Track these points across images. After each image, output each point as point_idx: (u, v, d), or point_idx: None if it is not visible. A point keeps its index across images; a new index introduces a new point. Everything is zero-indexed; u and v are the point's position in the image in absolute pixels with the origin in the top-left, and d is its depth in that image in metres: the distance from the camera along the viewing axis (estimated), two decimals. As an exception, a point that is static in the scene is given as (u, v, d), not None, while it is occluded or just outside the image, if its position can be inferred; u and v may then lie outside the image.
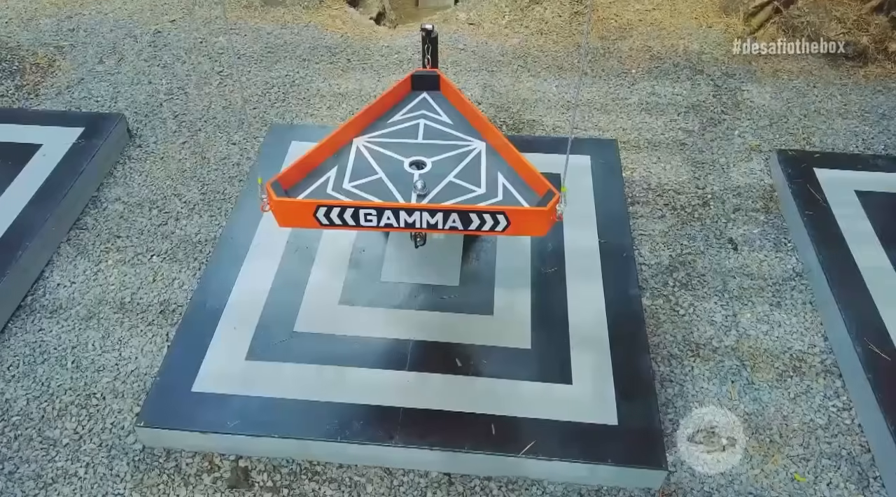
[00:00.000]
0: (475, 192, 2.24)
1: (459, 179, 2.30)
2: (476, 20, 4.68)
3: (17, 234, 2.97)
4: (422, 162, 2.36)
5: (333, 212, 2.12)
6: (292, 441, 2.33)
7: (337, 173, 2.34)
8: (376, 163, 2.39)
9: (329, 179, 2.33)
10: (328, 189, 2.29)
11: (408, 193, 2.26)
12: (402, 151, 2.44)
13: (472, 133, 2.50)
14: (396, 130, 2.52)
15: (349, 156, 2.42)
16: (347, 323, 2.66)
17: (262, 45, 4.46)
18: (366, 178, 2.33)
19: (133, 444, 2.45)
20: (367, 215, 2.11)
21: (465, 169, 2.34)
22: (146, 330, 2.82)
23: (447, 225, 2.10)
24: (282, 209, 2.20)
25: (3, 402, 2.58)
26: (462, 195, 2.24)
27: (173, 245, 3.17)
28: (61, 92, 4.04)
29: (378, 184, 2.31)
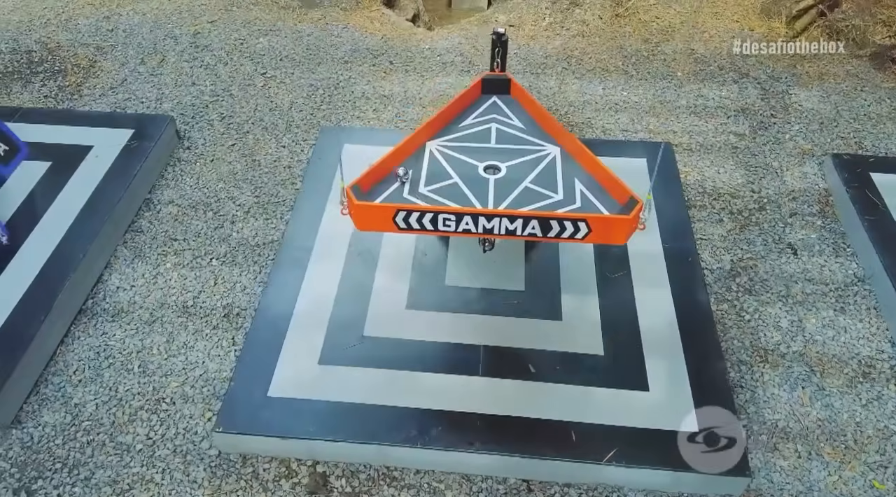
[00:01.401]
0: (552, 198, 2.23)
1: (535, 185, 2.29)
2: (516, 22, 4.66)
3: (75, 237, 2.95)
4: (496, 167, 2.35)
5: (412, 216, 2.11)
6: (372, 446, 2.31)
7: (412, 177, 2.33)
8: (450, 167, 2.38)
9: (406, 183, 2.31)
10: (405, 193, 2.28)
11: (483, 198, 2.25)
12: (476, 156, 2.42)
13: (545, 137, 2.49)
14: (469, 134, 2.51)
15: (423, 160, 2.40)
16: (416, 327, 2.64)
17: (302, 47, 4.44)
18: (441, 183, 2.32)
19: (208, 450, 2.43)
20: (446, 220, 2.10)
21: (541, 174, 2.33)
22: (211, 334, 2.81)
23: (526, 232, 2.09)
24: (361, 213, 2.19)
25: (72, 406, 2.56)
26: (539, 201, 2.23)
27: (231, 248, 3.15)
28: (105, 93, 4.02)
29: (454, 188, 2.29)
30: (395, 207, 2.13)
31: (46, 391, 2.60)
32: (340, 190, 2.24)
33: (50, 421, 2.51)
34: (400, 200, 2.24)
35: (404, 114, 3.93)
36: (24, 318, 2.64)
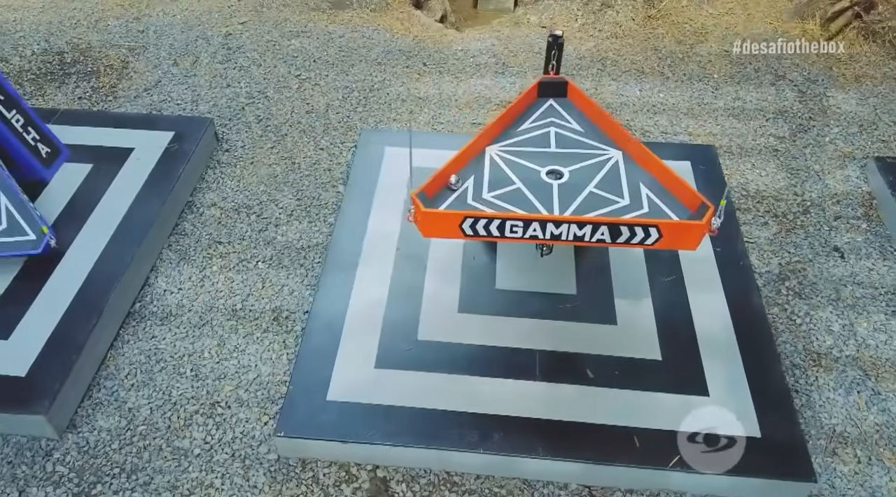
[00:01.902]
0: (618, 203, 2.22)
1: (600, 190, 2.27)
2: (548, 24, 4.65)
3: (122, 240, 2.94)
4: (559, 171, 2.34)
5: (480, 223, 2.10)
6: (433, 451, 2.30)
7: (475, 183, 2.32)
8: (512, 172, 2.37)
9: (468, 189, 2.30)
10: (468, 199, 2.27)
11: (548, 204, 2.24)
12: (537, 160, 2.41)
13: (606, 141, 2.48)
14: (527, 139, 2.50)
15: (484, 165, 2.39)
16: (470, 331, 2.63)
17: (335, 48, 4.43)
18: (504, 189, 2.30)
19: (266, 454, 2.42)
20: (514, 227, 2.09)
21: (605, 179, 2.31)
22: (262, 337, 2.79)
23: (594, 237, 2.08)
24: (428, 220, 2.17)
25: (126, 411, 2.55)
26: (605, 206, 2.21)
27: (277, 251, 3.14)
28: (140, 94, 4.01)
29: (517, 194, 2.28)
30: (462, 214, 2.11)
31: (99, 395, 2.59)
32: (408, 197, 2.22)
33: (105, 425, 2.50)
34: (463, 207, 2.23)
35: (441, 116, 3.92)
36: (76, 321, 2.63)
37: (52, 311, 2.65)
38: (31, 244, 2.76)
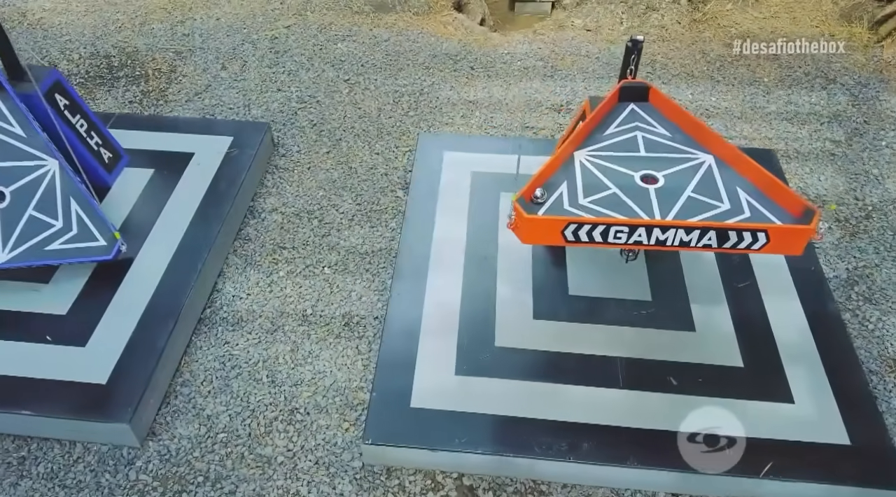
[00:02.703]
0: (718, 207, 2.20)
1: (698, 194, 2.26)
2: (593, 27, 4.64)
3: (191, 246, 2.93)
4: (653, 176, 2.32)
5: (583, 229, 2.09)
6: (523, 460, 2.29)
7: (568, 188, 2.31)
8: (605, 177, 2.35)
9: (562, 195, 2.29)
10: (564, 205, 2.25)
11: (648, 209, 2.22)
12: (629, 165, 2.40)
13: (694, 145, 2.46)
14: (615, 143, 2.49)
15: (575, 170, 2.38)
16: (547, 338, 2.62)
17: (381, 52, 4.42)
18: (600, 194, 2.29)
19: (351, 462, 2.41)
20: (618, 233, 2.08)
21: (701, 183, 2.30)
22: (334, 343, 2.79)
23: (701, 243, 2.07)
24: (530, 227, 2.16)
25: (205, 418, 2.54)
26: (705, 211, 2.20)
27: (341, 256, 3.13)
28: (191, 98, 4.01)
29: (614, 199, 2.27)
30: (565, 220, 2.10)
31: (177, 403, 2.58)
32: (511, 202, 2.21)
33: (185, 433, 2.49)
34: (560, 213, 2.22)
35: (493, 120, 3.91)
36: (153, 327, 2.62)
37: (128, 318, 2.65)
38: (102, 250, 2.75)
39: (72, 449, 2.43)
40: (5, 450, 2.43)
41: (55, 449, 2.43)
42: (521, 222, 2.17)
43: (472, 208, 3.13)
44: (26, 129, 2.77)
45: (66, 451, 2.43)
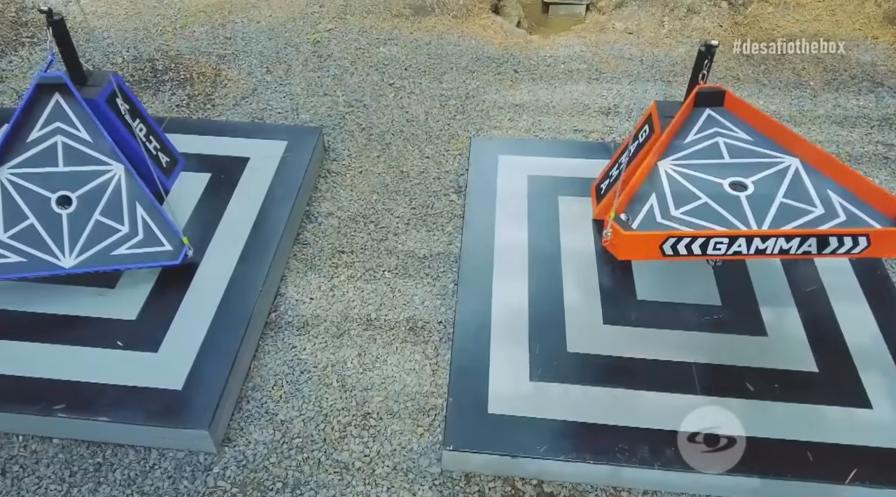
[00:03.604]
0: (813, 213, 2.19)
1: (790, 200, 2.25)
2: (634, 30, 4.64)
3: (254, 250, 2.93)
4: (742, 183, 2.31)
5: (682, 242, 2.08)
6: (603, 467, 2.28)
7: (658, 200, 2.29)
8: (693, 186, 2.34)
9: (653, 207, 2.28)
10: (657, 218, 2.24)
11: (742, 217, 2.21)
12: (715, 172, 2.39)
13: (778, 148, 2.45)
14: (697, 151, 2.47)
15: (661, 181, 2.36)
16: (619, 344, 2.61)
17: (423, 56, 4.42)
18: (691, 204, 2.28)
19: (428, 468, 2.40)
20: (718, 244, 2.07)
21: (791, 188, 2.28)
22: (401, 348, 2.78)
23: (801, 250, 2.06)
24: (627, 242, 2.15)
25: (278, 423, 2.54)
26: (800, 217, 2.19)
27: (400, 260, 3.13)
28: (238, 102, 4.01)
29: (706, 209, 2.26)
30: (664, 235, 2.09)
31: (249, 407, 2.58)
32: (609, 219, 2.20)
33: (259, 438, 2.49)
34: (654, 226, 2.21)
35: (541, 123, 3.91)
36: (224, 332, 2.62)
37: (198, 323, 2.64)
38: (168, 255, 2.75)
39: (147, 455, 2.43)
40: (80, 456, 2.43)
41: (130, 455, 2.43)
42: (619, 239, 2.15)
43: (531, 212, 3.13)
44: (92, 134, 2.77)
45: (141, 457, 2.43)
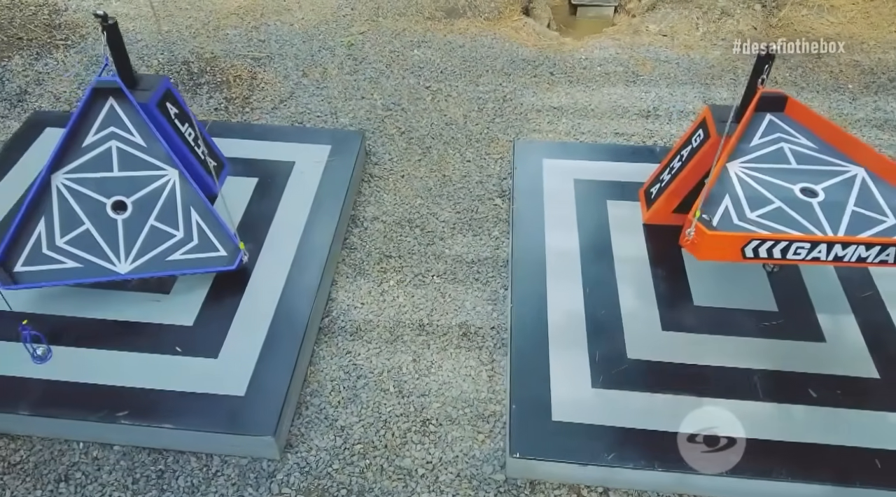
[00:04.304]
0: (885, 222, 2.19)
1: (861, 208, 2.24)
2: (668, 32, 4.62)
3: (307, 255, 2.93)
4: (813, 190, 2.31)
5: (764, 246, 2.08)
6: (673, 474, 2.27)
7: (732, 202, 2.29)
8: (765, 190, 2.34)
9: (728, 209, 2.27)
10: (734, 220, 2.24)
11: (816, 224, 2.21)
12: (784, 177, 2.39)
13: (841, 157, 2.44)
14: (764, 155, 2.46)
15: (733, 183, 2.36)
16: (679, 350, 2.60)
17: (458, 58, 4.41)
18: (765, 208, 2.28)
19: (492, 475, 2.40)
20: (798, 249, 2.06)
21: (861, 197, 2.28)
22: (455, 353, 2.77)
23: (878, 258, 2.05)
24: (711, 243, 2.14)
25: (338, 429, 2.53)
26: (873, 227, 2.18)
27: (448, 265, 3.12)
28: (276, 106, 4.00)
29: (780, 213, 2.26)
30: (748, 237, 2.09)
31: (308, 413, 2.58)
32: (693, 218, 2.20)
33: (321, 444, 2.48)
34: (731, 228, 2.20)
35: (581, 126, 3.90)
36: (282, 337, 2.61)
37: (256, 328, 2.64)
38: (224, 260, 2.75)
39: (209, 462, 2.42)
40: (142, 463, 2.42)
41: (192, 462, 2.43)
42: (703, 239, 2.15)
43: (580, 216, 3.12)
44: (147, 139, 2.77)
45: (203, 464, 2.42)
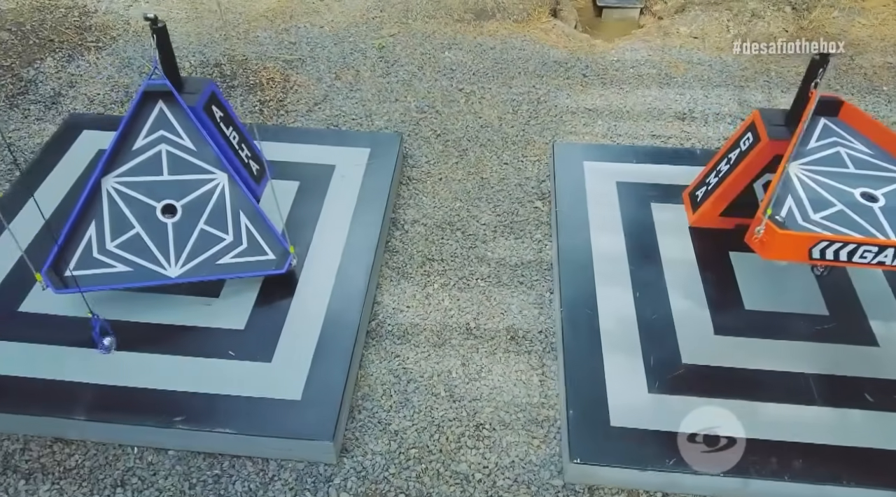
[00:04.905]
0: None
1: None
2: (699, 34, 4.62)
3: (353, 258, 2.92)
4: (873, 195, 2.30)
5: (832, 248, 2.07)
6: (732, 479, 2.26)
7: (795, 203, 2.28)
8: (827, 193, 2.33)
9: (792, 210, 2.27)
10: (798, 220, 2.23)
11: (879, 228, 2.20)
12: (843, 181, 2.38)
13: (893, 162, 2.44)
14: (821, 158, 2.46)
15: (794, 184, 2.36)
16: (733, 354, 2.59)
17: (489, 60, 4.40)
18: (828, 210, 2.27)
19: (550, 480, 2.39)
20: (865, 252, 2.05)
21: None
22: (504, 357, 2.77)
23: None
24: (780, 242, 2.14)
25: (392, 433, 2.53)
26: None
27: (492, 268, 3.11)
28: (311, 109, 3.99)
29: (843, 216, 2.25)
30: (816, 238, 2.08)
31: (361, 417, 2.57)
32: (763, 216, 2.20)
33: (376, 449, 2.48)
34: (796, 228, 2.20)
35: (617, 128, 3.89)
36: (334, 341, 2.61)
37: (309, 332, 2.64)
38: (273, 264, 2.74)
39: (265, 466, 2.42)
40: (198, 468, 2.42)
41: (248, 467, 2.42)
42: (772, 238, 2.14)
43: (625, 219, 3.11)
44: (196, 142, 2.76)
45: (259, 468, 2.42)
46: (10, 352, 2.56)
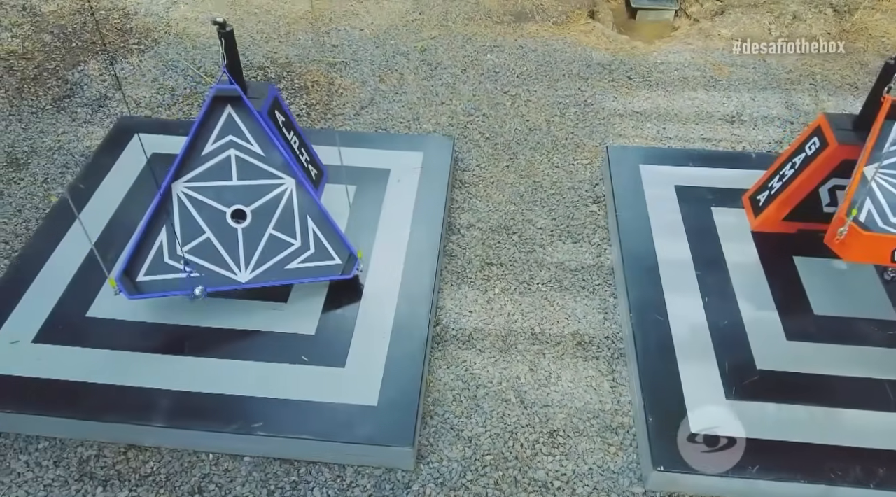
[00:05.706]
0: None
1: None
2: (740, 36, 4.60)
3: (417, 263, 2.92)
4: None
5: None
6: (815, 486, 2.25)
7: (874, 206, 2.28)
8: None
9: (871, 212, 2.26)
10: (878, 223, 2.24)
11: None
12: None
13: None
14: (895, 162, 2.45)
15: (872, 186, 2.35)
16: (806, 360, 2.58)
17: (532, 63, 4.40)
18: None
19: (630, 487, 2.38)
20: None
21: None
22: (572, 363, 2.76)
23: None
24: (863, 243, 2.13)
25: (466, 439, 2.52)
26: None
27: (552, 273, 3.10)
28: (358, 112, 3.99)
29: None
30: None
31: (434, 423, 2.56)
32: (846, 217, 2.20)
33: (451, 455, 2.47)
34: (877, 231, 2.19)
35: (667, 130, 3.88)
36: (405, 346, 2.60)
37: (379, 337, 2.63)
38: (339, 269, 2.74)
39: (342, 473, 2.41)
40: (275, 474, 2.41)
41: (325, 473, 2.41)
42: (858, 239, 2.14)
43: (686, 224, 3.10)
44: (265, 147, 2.75)
45: (336, 475, 2.41)
46: (81, 358, 2.55)
